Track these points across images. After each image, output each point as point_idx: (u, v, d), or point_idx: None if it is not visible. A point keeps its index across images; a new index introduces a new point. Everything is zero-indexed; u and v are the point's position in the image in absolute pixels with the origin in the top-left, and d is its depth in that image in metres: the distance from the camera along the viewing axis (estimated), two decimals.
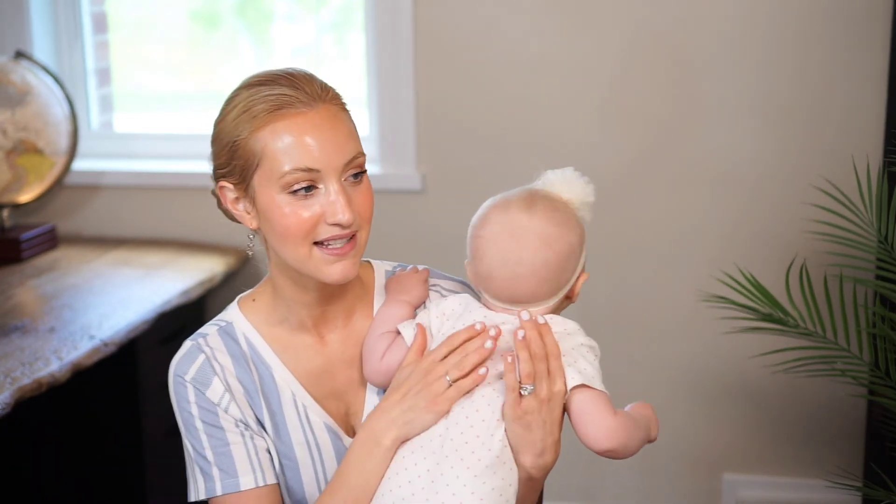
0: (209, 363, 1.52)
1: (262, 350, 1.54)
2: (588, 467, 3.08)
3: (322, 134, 1.40)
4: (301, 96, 1.41)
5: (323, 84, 1.46)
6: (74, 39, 3.25)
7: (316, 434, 1.53)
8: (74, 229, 3.23)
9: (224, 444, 1.50)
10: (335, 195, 1.41)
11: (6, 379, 2.10)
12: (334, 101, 1.44)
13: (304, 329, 1.54)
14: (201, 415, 1.50)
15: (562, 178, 1.47)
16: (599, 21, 2.87)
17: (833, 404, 2.90)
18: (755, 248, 2.88)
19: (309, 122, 1.41)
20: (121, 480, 2.71)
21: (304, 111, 1.41)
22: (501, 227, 1.43)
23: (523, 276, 1.41)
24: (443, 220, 3.00)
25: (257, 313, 1.55)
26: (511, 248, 1.42)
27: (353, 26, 3.24)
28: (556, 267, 1.42)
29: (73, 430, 2.73)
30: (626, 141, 2.91)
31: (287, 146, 1.40)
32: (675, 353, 2.98)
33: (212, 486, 1.50)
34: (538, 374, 1.38)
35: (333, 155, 1.40)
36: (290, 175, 1.40)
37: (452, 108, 2.97)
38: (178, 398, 1.52)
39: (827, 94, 2.79)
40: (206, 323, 1.58)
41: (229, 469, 1.50)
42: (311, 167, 1.40)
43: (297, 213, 1.41)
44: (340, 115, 1.44)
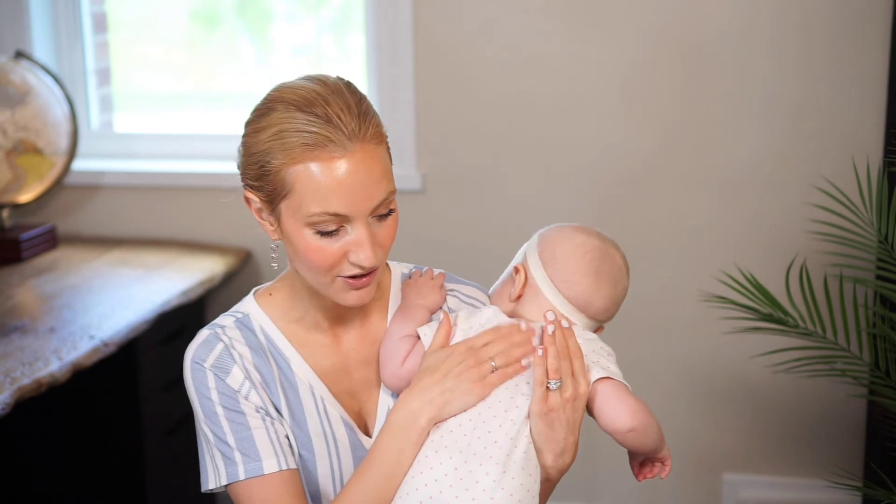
0: (228, 351, 1.52)
1: (279, 343, 1.54)
2: (588, 467, 3.08)
3: (354, 180, 1.38)
4: (337, 136, 1.38)
5: (362, 115, 1.40)
6: (74, 39, 3.25)
7: (333, 427, 1.53)
8: (74, 229, 3.22)
9: (246, 428, 1.49)
10: (361, 237, 1.41)
11: (6, 379, 2.10)
12: (372, 139, 1.40)
13: (319, 329, 1.55)
14: (222, 401, 1.50)
15: None
16: (600, 21, 2.87)
17: (833, 404, 2.90)
18: (755, 248, 2.88)
19: (343, 167, 1.38)
20: (121, 480, 2.71)
21: (338, 154, 1.38)
22: (601, 250, 1.55)
23: (615, 295, 1.56)
24: (443, 220, 3.00)
25: (274, 308, 1.56)
26: (615, 269, 1.55)
27: (353, 26, 3.23)
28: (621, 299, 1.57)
29: (73, 430, 2.73)
30: (626, 142, 2.91)
31: (318, 188, 1.38)
32: (676, 353, 2.98)
33: (234, 471, 1.49)
34: (564, 372, 1.43)
35: (363, 201, 1.39)
36: (317, 216, 1.39)
37: (452, 108, 2.97)
38: (197, 384, 1.51)
39: (827, 95, 2.79)
40: (221, 314, 1.58)
41: (252, 453, 1.49)
42: (340, 213, 1.39)
43: (322, 250, 1.42)
44: (376, 153, 1.41)
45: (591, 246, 1.54)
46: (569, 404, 1.42)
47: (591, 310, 1.54)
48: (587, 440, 3.13)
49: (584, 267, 1.53)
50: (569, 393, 1.42)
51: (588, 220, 2.98)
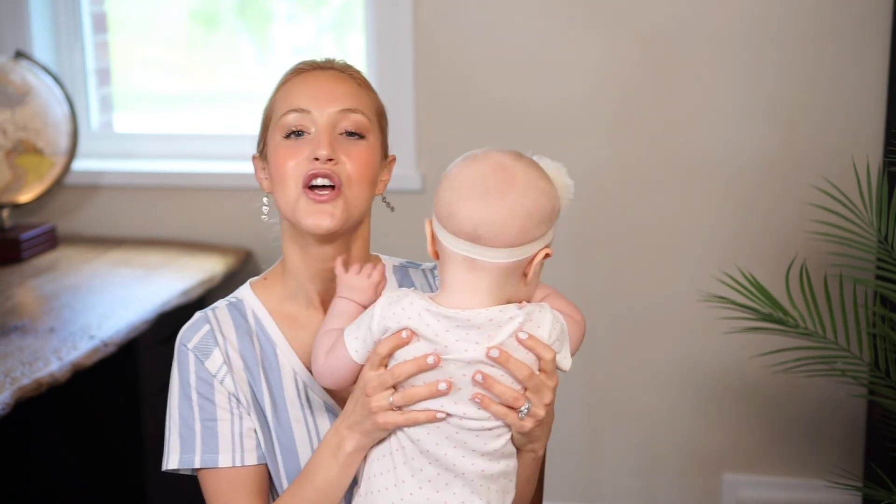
0: (212, 334, 1.55)
1: (268, 326, 1.56)
2: (588, 467, 3.08)
3: (318, 84, 1.52)
4: (316, 63, 1.56)
5: (348, 65, 1.58)
6: (74, 39, 3.25)
7: (315, 413, 1.54)
8: (74, 229, 3.22)
9: (212, 418, 1.52)
10: (320, 133, 1.49)
11: (6, 379, 2.10)
12: (349, 72, 1.56)
13: (311, 306, 1.57)
14: (198, 385, 1.53)
15: (552, 166, 1.48)
16: (600, 21, 2.87)
17: (833, 404, 2.90)
18: (755, 248, 2.88)
19: (312, 77, 1.54)
20: (121, 480, 2.71)
21: (314, 71, 1.55)
22: (488, 164, 1.41)
23: (499, 209, 1.36)
24: None
25: (267, 291, 1.60)
26: (496, 181, 1.38)
27: (353, 26, 3.24)
28: (528, 217, 1.37)
29: (73, 430, 2.73)
30: (626, 141, 2.91)
31: (287, 92, 1.53)
32: (675, 353, 2.98)
33: (189, 459, 1.52)
34: (532, 388, 1.37)
35: (324, 100, 1.50)
36: (284, 117, 1.51)
37: (452, 108, 2.97)
38: (180, 364, 1.55)
39: (827, 95, 2.79)
40: (220, 299, 1.63)
41: (211, 445, 1.51)
42: (302, 107, 1.50)
43: (288, 154, 1.49)
44: (350, 81, 1.54)
45: (467, 165, 1.41)
46: (549, 406, 1.39)
47: (496, 234, 1.36)
48: (587, 440, 3.14)
49: (459, 187, 1.39)
50: (547, 399, 1.38)
51: (588, 220, 3.00)
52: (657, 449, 3.06)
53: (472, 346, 1.36)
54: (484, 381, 1.35)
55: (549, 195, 1.41)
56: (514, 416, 1.37)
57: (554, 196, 1.42)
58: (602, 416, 3.05)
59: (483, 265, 1.38)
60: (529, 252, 1.39)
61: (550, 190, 1.42)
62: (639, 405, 3.03)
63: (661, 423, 3.04)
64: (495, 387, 1.36)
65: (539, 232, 1.39)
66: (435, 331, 1.37)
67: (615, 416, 3.03)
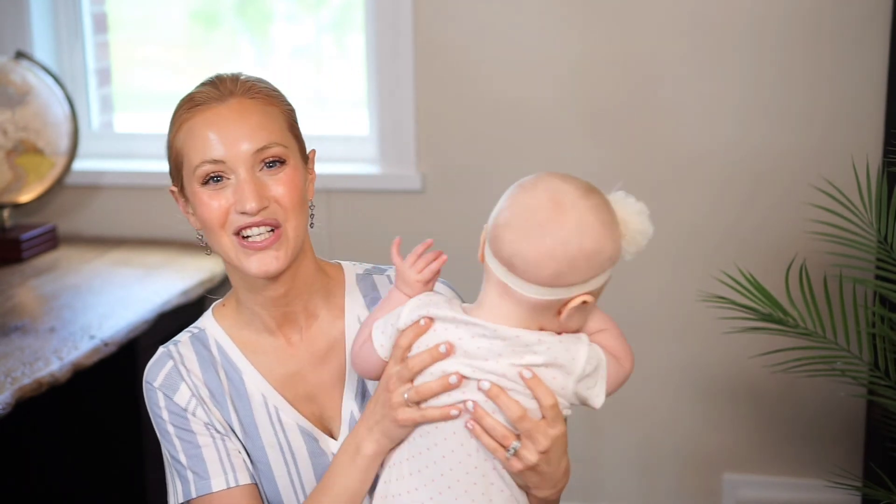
0: (177, 369, 1.54)
1: (232, 354, 1.54)
2: (588, 467, 3.08)
3: (227, 126, 1.44)
4: (213, 93, 1.46)
5: (245, 80, 1.48)
6: (74, 39, 3.25)
7: (289, 436, 1.52)
8: (74, 229, 3.23)
9: (195, 446, 1.51)
10: (241, 184, 1.43)
11: (6, 379, 2.10)
12: (249, 94, 1.47)
13: (269, 331, 1.55)
14: (171, 419, 1.52)
15: (632, 207, 1.38)
16: (600, 22, 2.87)
17: (833, 404, 2.90)
18: (755, 248, 2.88)
19: (215, 116, 1.44)
20: (121, 480, 2.71)
21: (213, 107, 1.45)
22: (545, 196, 1.32)
23: (538, 247, 1.30)
24: (443, 220, 3.00)
25: (227, 318, 1.57)
26: (544, 217, 1.30)
27: (353, 26, 3.24)
28: (569, 262, 1.30)
29: (73, 430, 2.73)
30: (625, 141, 2.91)
31: (195, 141, 1.45)
32: (675, 353, 2.98)
33: (187, 489, 1.52)
34: (524, 432, 1.33)
35: (237, 145, 1.43)
36: (199, 168, 1.45)
37: (452, 108, 2.97)
38: (150, 404, 1.54)
39: (827, 94, 2.79)
40: (183, 329, 1.60)
41: (201, 471, 1.51)
42: (216, 158, 1.43)
43: (211, 203, 1.46)
44: (253, 106, 1.46)
45: (527, 189, 1.34)
46: (545, 455, 1.34)
47: (531, 271, 1.31)
48: (587, 440, 3.14)
49: (509, 210, 1.33)
50: (542, 446, 1.33)
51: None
52: (657, 449, 3.06)
53: (494, 357, 1.33)
54: (474, 410, 1.32)
55: (604, 242, 1.32)
56: (503, 453, 1.33)
57: (612, 243, 1.34)
58: (602, 415, 3.05)
59: (514, 294, 1.34)
60: (564, 295, 1.33)
61: (607, 236, 1.33)
62: (639, 405, 3.03)
63: (661, 423, 3.04)
64: (485, 419, 1.33)
65: (579, 277, 1.32)
66: (459, 335, 1.34)
67: (615, 415, 3.03)
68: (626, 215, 1.37)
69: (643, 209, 1.39)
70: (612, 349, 1.41)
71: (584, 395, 1.37)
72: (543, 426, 1.33)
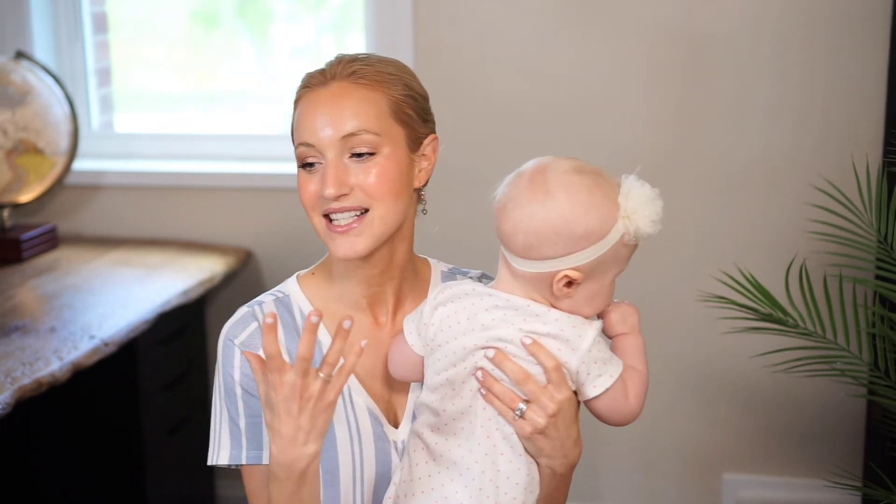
0: (260, 333, 1.52)
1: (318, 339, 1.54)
2: (588, 467, 3.08)
3: (322, 110, 1.47)
4: (320, 76, 1.50)
5: (356, 61, 1.51)
6: (74, 39, 3.25)
7: (357, 415, 1.53)
8: (74, 229, 3.23)
9: (257, 414, 1.51)
10: (326, 168, 1.46)
11: (6, 379, 2.10)
12: (353, 79, 1.48)
13: (358, 308, 1.55)
14: (243, 381, 1.51)
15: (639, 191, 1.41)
16: (600, 22, 2.87)
17: (833, 404, 2.90)
18: (755, 248, 2.88)
19: (315, 99, 1.48)
20: (121, 480, 2.71)
21: (316, 89, 1.49)
22: (529, 170, 1.39)
23: (509, 219, 1.38)
24: (442, 220, 3.00)
25: (314, 288, 1.57)
26: (522, 189, 1.38)
27: (353, 26, 3.24)
28: (534, 234, 1.36)
29: (73, 430, 2.73)
30: (625, 141, 2.91)
31: (299, 121, 1.49)
32: (675, 353, 2.98)
33: (237, 454, 1.52)
34: (529, 395, 1.37)
35: (325, 130, 1.45)
36: (297, 149, 1.49)
37: (452, 108, 2.97)
38: (225, 360, 1.53)
39: (827, 95, 2.79)
40: (263, 293, 1.60)
41: (256, 442, 1.51)
42: (308, 142, 1.47)
43: (305, 185, 1.48)
44: (352, 91, 1.48)
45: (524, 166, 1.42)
46: (553, 418, 1.37)
47: (507, 242, 1.40)
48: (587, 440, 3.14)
49: (504, 184, 1.43)
50: (550, 409, 1.37)
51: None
52: (657, 449, 3.06)
53: (505, 325, 1.38)
54: (483, 379, 1.37)
55: (577, 217, 1.35)
56: (511, 414, 1.37)
57: (589, 220, 1.35)
58: None
59: (511, 266, 1.40)
60: (544, 269, 1.37)
61: (582, 212, 1.35)
62: None
63: (661, 423, 3.04)
64: (494, 386, 1.37)
65: (553, 252, 1.36)
66: (475, 310, 1.39)
67: None
68: (631, 198, 1.40)
69: (651, 195, 1.43)
70: (630, 353, 1.44)
71: (583, 378, 1.39)
72: (549, 390, 1.37)
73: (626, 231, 1.38)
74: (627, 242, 1.39)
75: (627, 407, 1.42)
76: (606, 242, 1.37)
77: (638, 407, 1.43)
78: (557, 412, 1.37)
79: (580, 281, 1.37)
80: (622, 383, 1.40)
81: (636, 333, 1.46)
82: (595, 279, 1.39)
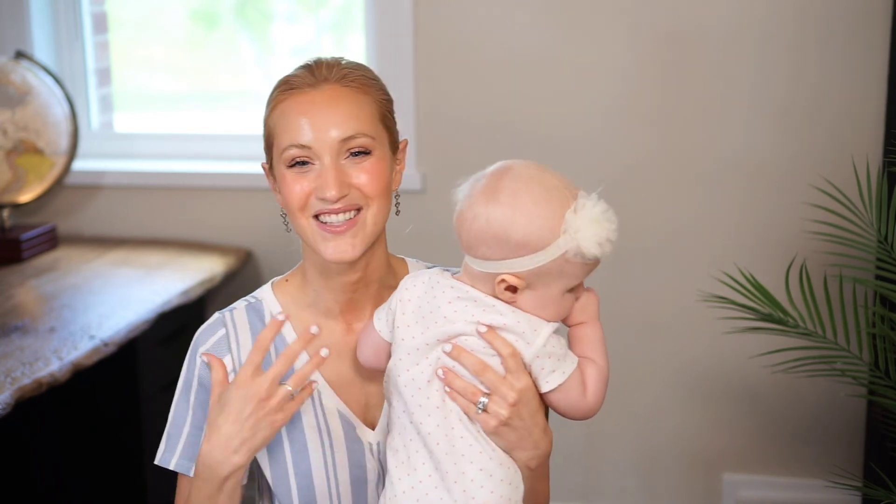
0: (226, 339, 1.54)
1: (285, 332, 1.55)
2: (588, 467, 3.08)
3: (317, 112, 1.46)
4: (308, 78, 1.48)
5: (342, 66, 1.50)
6: (74, 39, 3.25)
7: (328, 420, 1.53)
8: (74, 229, 3.22)
9: (199, 428, 1.53)
10: (325, 170, 1.45)
11: (6, 379, 2.10)
12: (344, 82, 1.48)
13: (331, 315, 1.55)
14: (198, 390, 1.53)
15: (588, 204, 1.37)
16: (600, 20, 2.87)
17: (833, 404, 2.90)
18: (755, 248, 2.88)
19: (308, 102, 1.47)
20: (121, 480, 2.71)
21: (307, 91, 1.47)
22: (491, 170, 1.42)
23: (459, 214, 1.44)
24: (443, 220, 2.99)
25: (288, 295, 1.58)
26: (478, 186, 1.42)
27: (353, 26, 3.24)
28: (470, 233, 1.40)
29: (73, 430, 2.73)
30: (625, 141, 2.91)
31: (288, 123, 1.47)
32: (675, 353, 2.98)
33: (168, 458, 1.54)
34: (489, 386, 1.38)
35: (325, 133, 1.45)
36: (287, 151, 1.46)
37: (452, 107, 2.97)
38: (189, 363, 1.55)
39: (827, 95, 2.79)
40: (240, 299, 1.61)
41: (190, 452, 1.53)
42: (304, 143, 1.45)
43: (294, 186, 1.47)
44: (346, 94, 1.47)
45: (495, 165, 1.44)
46: (515, 408, 1.38)
47: (457, 236, 1.46)
48: (587, 440, 3.14)
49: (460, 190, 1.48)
50: (511, 399, 1.37)
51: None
52: (657, 449, 3.06)
53: (468, 317, 1.39)
54: (445, 375, 1.38)
55: (515, 226, 1.36)
56: (473, 410, 1.38)
57: (532, 229, 1.35)
58: (601, 415, 3.04)
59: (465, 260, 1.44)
60: (484, 268, 1.40)
61: (521, 222, 1.35)
62: (638, 405, 3.03)
63: (661, 423, 3.04)
64: (455, 382, 1.38)
65: (490, 254, 1.38)
66: (438, 303, 1.40)
67: (615, 415, 3.03)
68: (579, 216, 1.36)
69: (602, 216, 1.37)
70: (588, 344, 1.44)
71: (536, 373, 1.40)
72: (509, 379, 1.38)
73: (568, 247, 1.36)
74: (571, 259, 1.36)
75: (584, 403, 1.42)
76: (546, 255, 1.36)
77: (596, 403, 1.43)
78: (519, 400, 1.38)
79: (521, 287, 1.38)
80: (578, 379, 1.41)
81: (595, 322, 1.45)
82: (539, 289, 1.39)
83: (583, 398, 1.42)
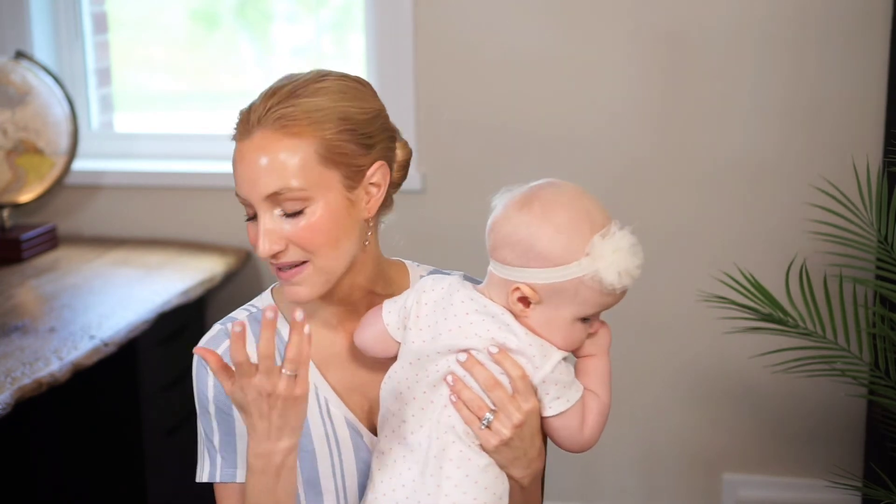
0: None
1: (285, 332, 1.54)
2: (588, 467, 3.08)
3: (245, 166, 1.41)
4: (243, 125, 1.43)
5: (277, 106, 1.41)
6: (74, 39, 3.25)
7: (336, 428, 1.52)
8: (74, 229, 3.22)
9: (231, 433, 1.52)
10: (258, 225, 1.42)
11: (6, 379, 2.10)
12: (275, 126, 1.40)
13: (329, 326, 1.54)
14: (216, 400, 1.52)
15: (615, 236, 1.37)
16: (600, 20, 2.87)
17: (833, 404, 2.90)
18: (755, 248, 2.88)
19: (240, 152, 1.43)
20: (121, 480, 2.71)
21: (242, 139, 1.43)
22: (534, 185, 1.42)
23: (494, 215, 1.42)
24: (443, 220, 3.00)
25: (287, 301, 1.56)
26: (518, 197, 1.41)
27: (353, 26, 3.24)
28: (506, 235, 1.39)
29: (73, 430, 2.73)
30: (625, 140, 2.91)
31: (234, 171, 1.44)
32: (675, 353, 2.98)
33: (213, 472, 1.53)
34: (496, 403, 1.37)
35: (252, 188, 1.40)
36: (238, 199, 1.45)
37: (452, 108, 2.97)
38: (199, 380, 1.54)
39: (827, 94, 2.79)
40: (239, 308, 1.59)
41: (230, 459, 1.52)
42: (241, 196, 1.43)
43: (250, 233, 1.45)
44: (273, 143, 1.39)
45: None
46: (518, 429, 1.37)
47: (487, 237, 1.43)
48: None
49: None
50: (516, 419, 1.37)
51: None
52: (657, 449, 3.06)
53: (482, 332, 1.38)
54: (453, 384, 1.38)
55: (540, 237, 1.36)
56: (477, 424, 1.37)
57: (557, 243, 1.35)
58: None
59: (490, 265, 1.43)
60: (501, 273, 1.39)
61: (548, 236, 1.36)
62: (638, 405, 3.03)
63: (661, 423, 3.04)
64: (463, 392, 1.37)
65: (511, 259, 1.38)
66: (454, 312, 1.39)
67: (615, 415, 3.02)
68: (606, 242, 1.36)
69: (628, 248, 1.37)
70: (595, 377, 1.44)
71: (540, 396, 1.39)
72: (517, 399, 1.37)
73: (587, 271, 1.35)
74: (589, 284, 1.36)
75: (580, 436, 1.42)
76: (564, 272, 1.36)
77: (592, 439, 1.43)
78: (523, 423, 1.37)
79: (534, 301, 1.37)
80: (579, 411, 1.41)
81: (604, 356, 1.46)
82: (551, 309, 1.38)
83: (579, 432, 1.42)
